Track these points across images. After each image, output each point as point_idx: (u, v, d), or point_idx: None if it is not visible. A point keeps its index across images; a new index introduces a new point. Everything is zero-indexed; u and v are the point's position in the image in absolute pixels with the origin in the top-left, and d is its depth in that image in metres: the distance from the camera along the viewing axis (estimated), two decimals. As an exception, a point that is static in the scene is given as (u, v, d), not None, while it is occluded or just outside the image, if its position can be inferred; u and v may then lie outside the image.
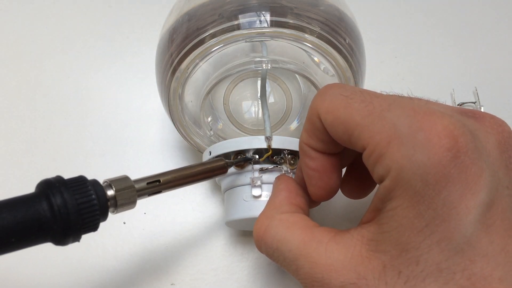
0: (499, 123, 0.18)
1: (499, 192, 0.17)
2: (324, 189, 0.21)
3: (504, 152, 0.18)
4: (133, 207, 0.20)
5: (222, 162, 0.24)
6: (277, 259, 0.20)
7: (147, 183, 0.21)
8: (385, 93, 0.21)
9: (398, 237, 0.17)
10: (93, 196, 0.18)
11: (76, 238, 0.18)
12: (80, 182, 0.18)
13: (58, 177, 0.18)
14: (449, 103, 0.35)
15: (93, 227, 0.19)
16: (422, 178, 0.16)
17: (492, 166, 0.17)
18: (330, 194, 0.22)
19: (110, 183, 0.20)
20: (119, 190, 0.20)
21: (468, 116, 0.18)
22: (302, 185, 0.23)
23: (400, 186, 0.16)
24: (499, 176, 0.17)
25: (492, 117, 0.19)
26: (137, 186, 0.21)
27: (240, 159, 0.25)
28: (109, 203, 0.19)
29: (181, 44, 0.25)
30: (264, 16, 0.24)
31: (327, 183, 0.21)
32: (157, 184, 0.21)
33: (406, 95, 0.21)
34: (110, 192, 0.19)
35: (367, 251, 0.17)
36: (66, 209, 0.17)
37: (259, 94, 0.30)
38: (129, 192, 0.20)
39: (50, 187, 0.18)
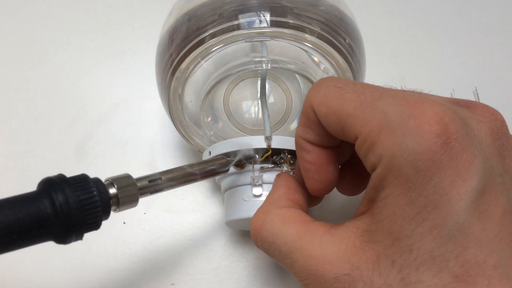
0: (491, 112, 0.18)
1: (491, 179, 0.17)
2: (321, 182, 0.21)
3: (497, 140, 0.18)
4: (135, 205, 0.20)
5: (223, 160, 0.24)
6: (272, 253, 0.20)
7: (149, 181, 0.21)
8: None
9: (390, 225, 0.17)
10: (95, 193, 0.18)
11: (79, 236, 0.18)
12: (82, 180, 0.18)
13: (60, 175, 0.18)
14: (449, 103, 0.35)
15: (95, 225, 0.19)
16: (413, 165, 0.16)
17: (484, 154, 0.17)
18: (328, 188, 0.22)
19: (112, 181, 0.20)
20: (121, 188, 0.19)
21: (461, 105, 0.18)
22: (302, 183, 0.23)
23: (392, 173, 0.16)
24: (491, 163, 0.17)
25: (485, 106, 0.19)
26: (139, 184, 0.20)
27: (241, 159, 0.25)
28: (111, 201, 0.19)
29: (181, 44, 0.25)
30: (264, 16, 0.24)
31: (324, 176, 0.21)
32: (159, 182, 0.21)
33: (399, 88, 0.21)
34: (112, 190, 0.19)
35: (361, 242, 0.17)
36: (68, 206, 0.17)
37: (259, 94, 0.30)
38: (131, 190, 0.20)
39: (52, 185, 0.17)
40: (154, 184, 0.21)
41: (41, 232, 0.17)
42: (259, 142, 0.25)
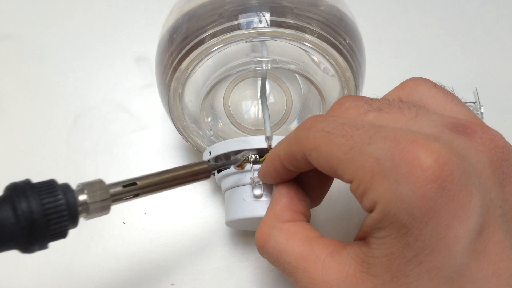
0: (491, 138, 0.18)
1: (490, 214, 0.16)
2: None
3: (497, 169, 0.17)
4: (107, 213, 0.19)
5: (205, 165, 0.23)
6: (277, 267, 0.20)
7: (123, 186, 0.20)
8: (375, 97, 0.21)
9: (388, 264, 0.17)
10: (62, 201, 0.17)
11: (43, 245, 0.17)
12: (48, 185, 0.17)
13: (26, 180, 0.17)
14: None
15: (61, 234, 0.18)
16: (407, 212, 0.16)
17: (483, 187, 0.17)
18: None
19: (83, 187, 0.19)
20: (91, 193, 0.18)
21: (459, 132, 0.18)
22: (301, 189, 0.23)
23: (387, 219, 0.16)
24: (491, 196, 0.17)
25: (485, 131, 0.18)
26: (112, 190, 0.19)
27: (225, 163, 0.25)
28: (80, 208, 0.18)
29: (181, 44, 0.25)
30: (264, 16, 0.24)
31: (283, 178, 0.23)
32: (133, 188, 0.20)
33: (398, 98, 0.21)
34: (82, 197, 0.18)
35: (361, 272, 0.18)
36: (31, 214, 0.16)
37: (259, 94, 0.30)
38: (102, 195, 0.19)
39: (16, 191, 0.17)
40: (129, 190, 0.20)
41: (3, 240, 0.16)
42: (259, 142, 0.25)
